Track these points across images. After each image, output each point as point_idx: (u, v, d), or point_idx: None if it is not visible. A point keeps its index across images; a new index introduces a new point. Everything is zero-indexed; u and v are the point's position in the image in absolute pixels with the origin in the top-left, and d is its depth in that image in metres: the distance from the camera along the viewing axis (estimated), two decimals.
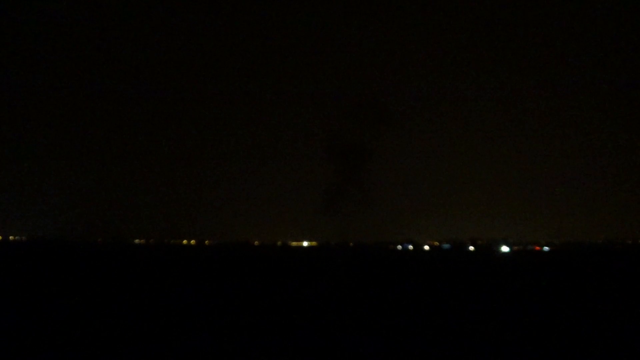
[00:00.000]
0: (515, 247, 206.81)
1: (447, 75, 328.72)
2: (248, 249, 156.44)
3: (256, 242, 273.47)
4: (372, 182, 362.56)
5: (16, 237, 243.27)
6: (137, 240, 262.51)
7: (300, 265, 50.17)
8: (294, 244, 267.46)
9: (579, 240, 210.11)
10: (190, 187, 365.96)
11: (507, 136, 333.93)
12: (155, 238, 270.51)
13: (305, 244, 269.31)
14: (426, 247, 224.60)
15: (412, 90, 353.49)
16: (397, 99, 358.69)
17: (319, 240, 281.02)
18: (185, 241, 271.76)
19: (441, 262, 64.18)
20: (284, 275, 33.51)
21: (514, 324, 14.47)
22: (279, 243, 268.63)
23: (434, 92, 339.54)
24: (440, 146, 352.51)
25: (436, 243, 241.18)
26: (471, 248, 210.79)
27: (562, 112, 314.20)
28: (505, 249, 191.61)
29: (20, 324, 12.84)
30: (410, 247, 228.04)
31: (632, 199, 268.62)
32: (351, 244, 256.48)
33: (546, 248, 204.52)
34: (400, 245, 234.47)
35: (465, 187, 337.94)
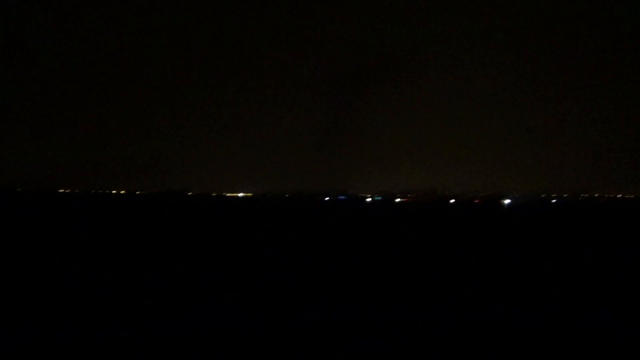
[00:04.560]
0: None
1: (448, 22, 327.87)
2: (182, 199, 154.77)
3: (190, 193, 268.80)
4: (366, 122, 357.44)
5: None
6: (61, 190, 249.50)
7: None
8: (230, 194, 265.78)
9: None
10: (125, 135, 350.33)
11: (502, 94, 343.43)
12: (82, 188, 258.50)
13: (240, 194, 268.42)
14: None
15: (408, 36, 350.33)
16: (395, 45, 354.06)
17: (255, 192, 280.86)
18: (114, 191, 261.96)
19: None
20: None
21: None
22: (213, 194, 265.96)
23: (435, 37, 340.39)
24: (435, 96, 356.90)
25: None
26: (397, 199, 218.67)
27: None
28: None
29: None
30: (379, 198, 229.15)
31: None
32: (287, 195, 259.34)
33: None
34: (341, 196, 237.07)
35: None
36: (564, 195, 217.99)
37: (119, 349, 7.29)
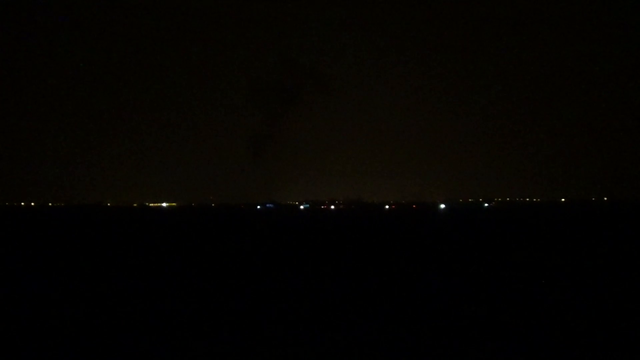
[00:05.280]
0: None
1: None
2: (100, 210, 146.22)
3: (109, 204, 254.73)
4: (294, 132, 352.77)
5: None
6: None
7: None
8: (152, 205, 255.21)
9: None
10: (33, 143, 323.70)
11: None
12: None
13: (164, 204, 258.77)
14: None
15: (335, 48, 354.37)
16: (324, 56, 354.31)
17: (179, 202, 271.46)
18: (23, 203, 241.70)
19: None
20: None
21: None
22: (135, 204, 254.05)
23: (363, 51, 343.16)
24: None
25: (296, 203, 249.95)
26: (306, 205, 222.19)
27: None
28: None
29: None
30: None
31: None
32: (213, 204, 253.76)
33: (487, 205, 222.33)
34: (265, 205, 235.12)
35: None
36: (477, 200, 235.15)
37: None
